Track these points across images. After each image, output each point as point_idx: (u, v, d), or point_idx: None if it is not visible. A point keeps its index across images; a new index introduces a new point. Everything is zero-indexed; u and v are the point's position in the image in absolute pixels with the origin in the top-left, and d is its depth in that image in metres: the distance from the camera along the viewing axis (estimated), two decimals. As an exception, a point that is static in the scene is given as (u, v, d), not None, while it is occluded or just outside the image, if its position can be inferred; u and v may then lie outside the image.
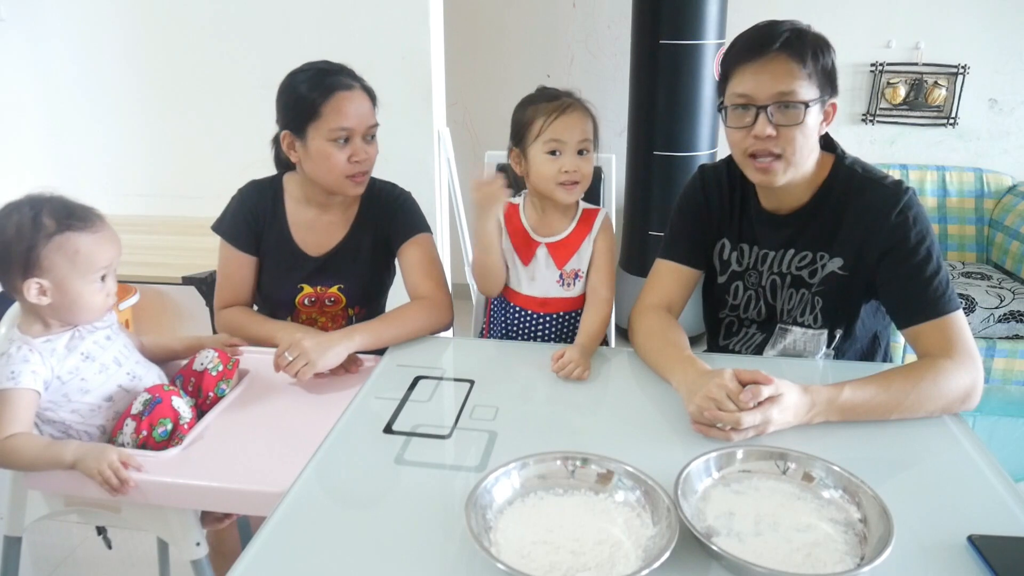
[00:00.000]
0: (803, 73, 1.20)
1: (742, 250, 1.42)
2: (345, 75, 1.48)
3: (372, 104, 1.50)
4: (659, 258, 1.47)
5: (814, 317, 1.37)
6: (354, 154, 1.45)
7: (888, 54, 3.15)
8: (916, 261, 1.24)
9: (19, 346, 1.20)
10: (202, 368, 1.34)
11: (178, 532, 1.18)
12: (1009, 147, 3.21)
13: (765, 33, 1.23)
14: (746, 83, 1.23)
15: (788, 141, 1.22)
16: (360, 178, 1.49)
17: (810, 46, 1.21)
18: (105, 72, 2.61)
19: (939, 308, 1.22)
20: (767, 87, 1.21)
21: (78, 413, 1.24)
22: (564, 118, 1.38)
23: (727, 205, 1.41)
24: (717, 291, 1.47)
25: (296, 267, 1.56)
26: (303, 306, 1.58)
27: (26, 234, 1.17)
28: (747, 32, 1.26)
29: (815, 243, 1.33)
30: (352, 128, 1.44)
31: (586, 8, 3.36)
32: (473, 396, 1.23)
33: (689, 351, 1.27)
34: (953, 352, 1.19)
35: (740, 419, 1.05)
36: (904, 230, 1.25)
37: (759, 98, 1.22)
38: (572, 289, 1.49)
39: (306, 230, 1.57)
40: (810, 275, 1.35)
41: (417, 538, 0.90)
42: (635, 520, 0.89)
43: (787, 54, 1.20)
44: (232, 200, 1.59)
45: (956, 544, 0.87)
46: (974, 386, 1.17)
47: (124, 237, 1.29)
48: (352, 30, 2.40)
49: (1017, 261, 2.94)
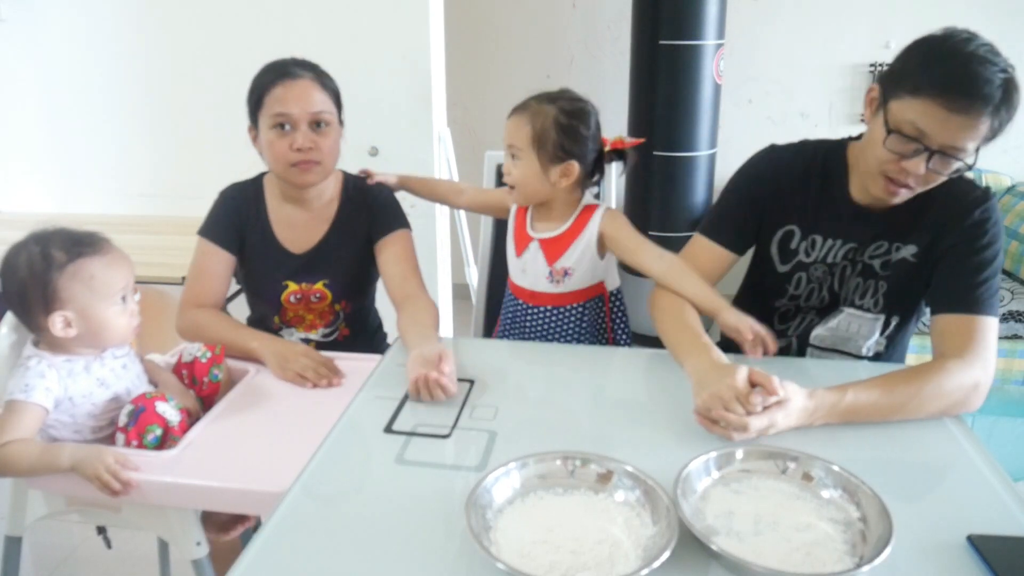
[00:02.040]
0: (988, 131, 1.11)
1: (813, 241, 1.36)
2: (295, 65, 1.47)
3: (326, 94, 1.48)
4: (698, 233, 1.42)
5: (875, 301, 1.35)
6: (294, 141, 1.44)
7: (887, 54, 3.15)
8: (979, 259, 1.24)
9: (38, 360, 1.20)
10: (191, 358, 1.36)
11: (178, 532, 1.18)
12: (1008, 147, 3.21)
13: (979, 85, 1.08)
14: (929, 122, 1.11)
15: (927, 183, 1.20)
16: (306, 166, 1.46)
17: (1011, 104, 1.10)
18: (105, 72, 2.61)
19: (977, 306, 1.22)
20: (949, 138, 1.11)
21: (80, 434, 1.24)
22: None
23: (803, 191, 1.34)
24: (776, 280, 1.40)
25: (280, 265, 1.57)
26: (289, 303, 1.58)
27: (39, 271, 1.17)
28: (956, 66, 1.10)
29: (896, 234, 1.31)
30: (291, 114, 1.43)
31: (586, 8, 3.36)
32: (473, 396, 1.23)
33: (705, 337, 1.24)
34: (967, 351, 1.18)
35: (747, 424, 1.04)
36: (980, 229, 1.24)
37: (933, 142, 1.13)
38: (561, 286, 1.48)
39: (288, 228, 1.57)
40: (883, 266, 1.33)
41: (417, 538, 0.90)
42: (635, 520, 0.89)
43: (989, 113, 1.09)
44: (215, 202, 1.59)
45: (955, 544, 0.87)
46: (977, 386, 1.16)
47: (124, 237, 1.30)
48: (352, 31, 2.40)
49: (1016, 261, 2.94)
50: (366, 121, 2.44)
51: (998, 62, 1.11)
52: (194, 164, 2.66)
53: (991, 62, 1.10)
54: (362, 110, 2.43)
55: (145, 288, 2.37)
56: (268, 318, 1.62)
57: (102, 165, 2.73)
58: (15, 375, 1.19)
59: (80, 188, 2.76)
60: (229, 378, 1.39)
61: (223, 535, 1.42)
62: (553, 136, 1.37)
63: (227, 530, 1.42)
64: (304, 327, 1.60)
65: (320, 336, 1.61)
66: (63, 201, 2.77)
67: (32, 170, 2.75)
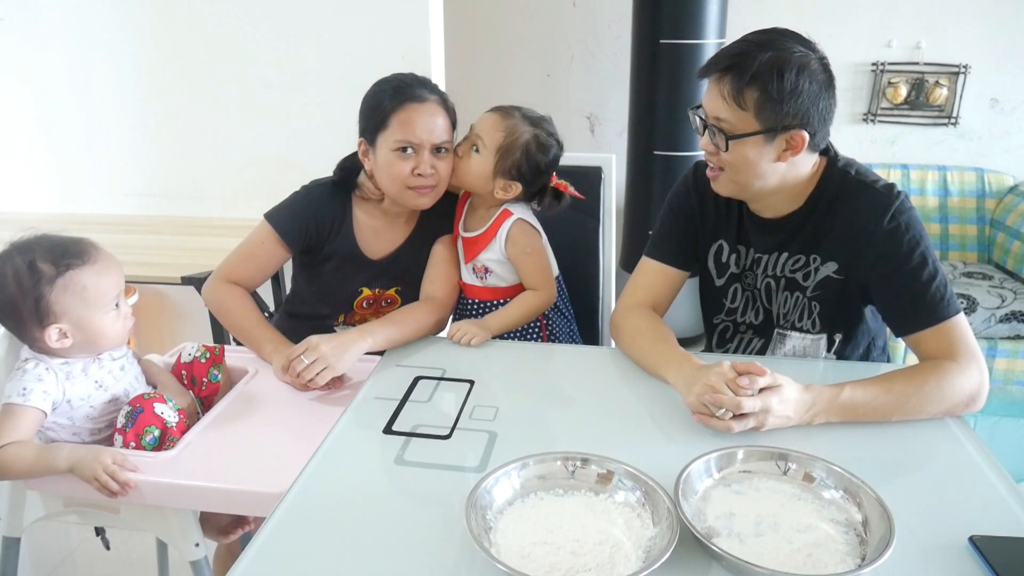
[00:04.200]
0: (735, 104, 1.16)
1: (739, 252, 1.40)
2: (421, 87, 1.45)
3: (449, 120, 1.47)
4: (645, 256, 1.46)
5: (812, 322, 1.35)
6: (417, 166, 1.43)
7: (889, 53, 3.15)
8: (910, 268, 1.21)
9: (36, 363, 1.19)
10: (190, 358, 1.35)
11: (177, 533, 1.18)
12: (1010, 147, 3.21)
13: (724, 50, 1.20)
14: (704, 95, 1.22)
15: (724, 163, 1.23)
16: (424, 191, 1.46)
17: (757, 74, 1.13)
18: (105, 72, 2.61)
19: (938, 314, 1.20)
20: (707, 106, 1.21)
21: (79, 436, 1.24)
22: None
23: (723, 205, 1.38)
24: (714, 295, 1.44)
25: (358, 271, 1.56)
26: (360, 308, 1.58)
27: (27, 286, 1.15)
28: (729, 44, 1.23)
29: (807, 246, 1.31)
30: (416, 141, 1.42)
31: (586, 8, 3.36)
32: (473, 396, 1.23)
33: (680, 348, 1.26)
34: (957, 356, 1.17)
35: (741, 403, 1.05)
36: (896, 237, 1.22)
37: (708, 115, 1.22)
38: (485, 281, 1.54)
39: (370, 235, 1.56)
40: (804, 278, 1.34)
41: (417, 538, 0.90)
42: (635, 520, 0.89)
43: (729, 78, 1.16)
44: (296, 195, 1.56)
45: (957, 545, 0.87)
46: (979, 389, 1.16)
47: (124, 237, 1.30)
48: (352, 30, 2.40)
49: (1018, 261, 2.93)
50: (366, 121, 2.44)
51: (751, 39, 1.18)
52: (193, 164, 2.65)
53: (748, 41, 1.18)
54: (362, 110, 2.44)
55: (144, 288, 2.38)
56: (332, 316, 1.60)
57: (101, 165, 2.73)
58: (12, 379, 1.19)
59: (79, 188, 2.75)
60: (228, 379, 1.39)
61: (223, 538, 1.41)
62: (517, 156, 1.45)
63: (227, 533, 1.41)
64: None
65: None
66: (62, 201, 2.76)
67: (30, 170, 2.74)
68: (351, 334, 1.36)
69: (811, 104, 1.16)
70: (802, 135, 1.18)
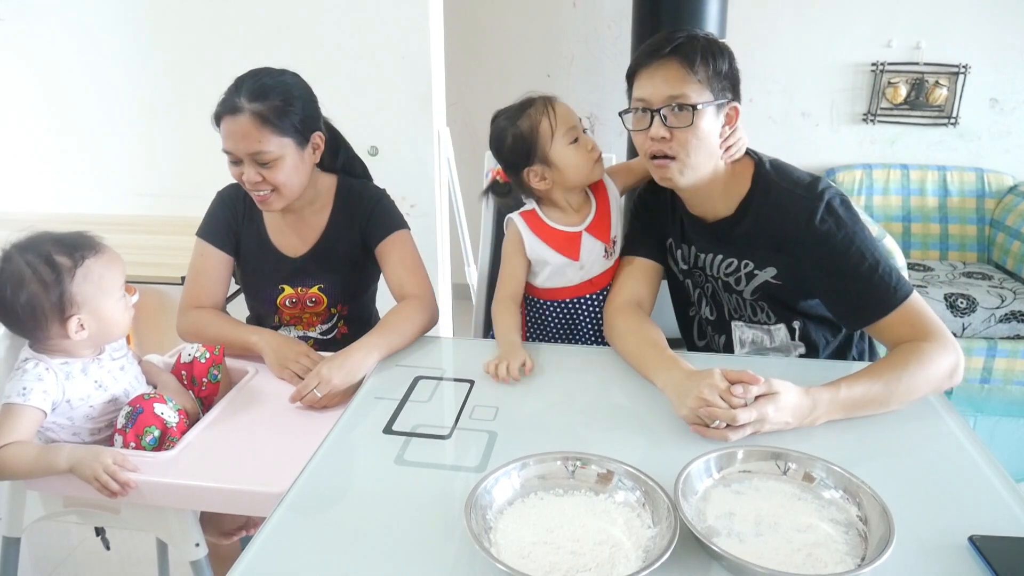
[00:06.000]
0: (693, 77, 1.22)
1: (683, 250, 1.44)
2: (241, 95, 1.37)
3: (268, 129, 1.37)
4: (622, 255, 1.49)
5: (766, 315, 1.38)
6: (242, 174, 1.42)
7: (889, 54, 3.15)
8: (850, 267, 1.22)
9: (36, 363, 1.19)
10: (190, 358, 1.36)
11: (177, 533, 1.18)
12: (1010, 147, 3.21)
13: (660, 40, 1.26)
14: (643, 88, 1.26)
15: (681, 144, 1.24)
16: (262, 198, 1.43)
17: (701, 51, 1.23)
18: (105, 72, 2.61)
19: (890, 302, 1.21)
20: (660, 90, 1.24)
21: (79, 437, 1.24)
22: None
23: (668, 204, 1.44)
24: (677, 289, 1.51)
25: (276, 269, 1.56)
26: (285, 307, 1.58)
27: (50, 281, 1.16)
28: (648, 41, 1.28)
29: (739, 252, 1.34)
30: (232, 152, 1.40)
31: (586, 8, 3.36)
32: (473, 396, 1.23)
33: (670, 350, 1.26)
34: (926, 335, 1.18)
35: (736, 415, 1.04)
36: (828, 240, 1.23)
37: (653, 101, 1.24)
38: (612, 258, 1.49)
39: (282, 232, 1.57)
40: (736, 282, 1.36)
41: (417, 538, 0.90)
42: (635, 520, 0.89)
43: (678, 59, 1.22)
44: (212, 202, 1.59)
45: (957, 544, 0.87)
46: (957, 361, 1.17)
47: (124, 237, 1.30)
48: (352, 30, 2.40)
49: (1018, 261, 2.93)
50: (366, 121, 2.44)
51: (674, 32, 1.26)
52: (193, 164, 2.65)
53: (674, 33, 1.26)
54: (362, 110, 2.44)
55: (144, 288, 2.38)
56: (266, 318, 1.62)
57: (101, 165, 2.73)
58: (12, 378, 1.19)
59: (79, 188, 2.76)
60: (228, 379, 1.39)
61: (224, 539, 1.41)
62: None
63: (228, 535, 1.41)
64: (302, 325, 1.60)
65: (319, 334, 1.61)
66: (62, 201, 2.76)
67: (31, 170, 2.75)
68: (356, 355, 1.33)
69: (737, 81, 1.29)
70: (736, 108, 1.28)
